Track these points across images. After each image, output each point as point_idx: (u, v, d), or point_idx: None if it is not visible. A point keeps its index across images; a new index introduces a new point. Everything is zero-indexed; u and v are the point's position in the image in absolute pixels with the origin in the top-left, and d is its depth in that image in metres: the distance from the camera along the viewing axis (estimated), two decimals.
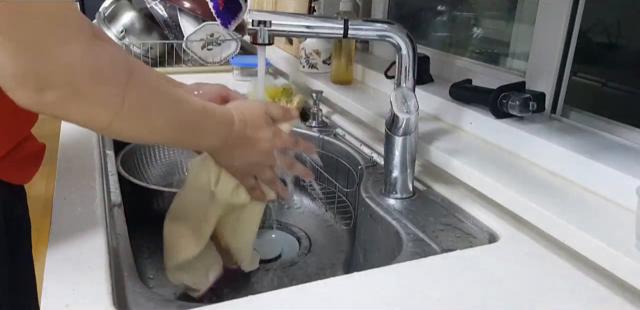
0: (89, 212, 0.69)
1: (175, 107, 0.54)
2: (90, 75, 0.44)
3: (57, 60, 0.42)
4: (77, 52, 0.43)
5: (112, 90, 0.46)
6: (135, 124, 0.50)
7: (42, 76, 0.42)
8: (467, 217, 0.75)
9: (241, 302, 0.53)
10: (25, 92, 0.42)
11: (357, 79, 1.26)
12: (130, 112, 0.48)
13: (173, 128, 0.55)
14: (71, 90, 0.43)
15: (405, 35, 0.74)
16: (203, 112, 0.58)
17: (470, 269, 0.61)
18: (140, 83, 0.49)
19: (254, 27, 0.70)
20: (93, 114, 0.46)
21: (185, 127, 0.57)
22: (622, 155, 0.72)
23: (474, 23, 1.20)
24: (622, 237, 0.58)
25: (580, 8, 0.83)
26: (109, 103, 0.46)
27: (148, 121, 0.52)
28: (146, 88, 0.51)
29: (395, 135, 0.78)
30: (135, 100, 0.48)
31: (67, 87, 0.43)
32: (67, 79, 0.43)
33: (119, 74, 0.47)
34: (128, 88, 0.47)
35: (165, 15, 1.57)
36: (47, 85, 0.42)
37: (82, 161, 0.86)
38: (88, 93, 0.44)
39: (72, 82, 0.43)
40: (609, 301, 0.56)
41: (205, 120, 0.59)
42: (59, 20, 0.42)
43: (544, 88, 0.87)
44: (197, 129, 0.58)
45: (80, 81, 0.43)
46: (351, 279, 0.58)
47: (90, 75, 0.44)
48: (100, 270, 0.57)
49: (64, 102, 0.44)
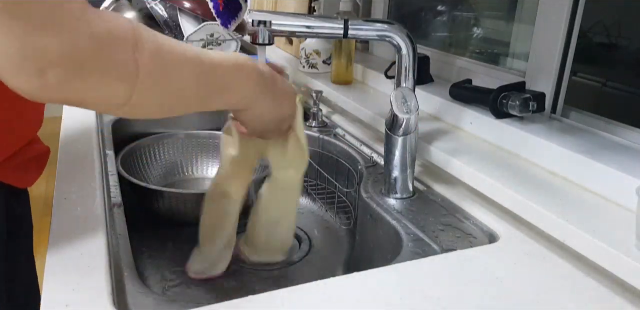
0: (89, 212, 0.69)
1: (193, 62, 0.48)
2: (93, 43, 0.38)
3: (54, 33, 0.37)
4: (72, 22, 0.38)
5: (121, 56, 0.40)
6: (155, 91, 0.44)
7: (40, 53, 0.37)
8: (467, 217, 0.75)
9: (241, 302, 0.53)
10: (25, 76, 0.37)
11: (357, 79, 1.26)
12: (146, 78, 0.42)
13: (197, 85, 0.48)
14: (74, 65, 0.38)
15: (405, 35, 0.74)
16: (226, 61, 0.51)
17: (470, 269, 0.61)
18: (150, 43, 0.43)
19: (254, 27, 0.70)
20: (107, 89, 0.41)
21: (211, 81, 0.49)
22: (622, 155, 0.72)
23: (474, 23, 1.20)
24: (622, 237, 0.58)
25: (580, 8, 0.83)
26: (121, 71, 0.41)
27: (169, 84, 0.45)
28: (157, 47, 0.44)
29: (395, 135, 0.78)
30: (148, 63, 0.42)
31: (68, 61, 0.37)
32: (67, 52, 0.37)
33: (123, 38, 0.41)
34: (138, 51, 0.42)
35: (165, 15, 1.57)
36: (46, 64, 0.37)
37: (82, 161, 0.85)
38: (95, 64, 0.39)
39: (72, 55, 0.37)
40: (609, 301, 0.56)
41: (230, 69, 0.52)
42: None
43: (544, 88, 0.87)
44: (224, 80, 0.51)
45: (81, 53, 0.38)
46: (351, 279, 0.58)
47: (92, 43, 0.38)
48: (100, 270, 0.57)
49: (70, 81, 0.38)
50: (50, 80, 0.37)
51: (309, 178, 1.09)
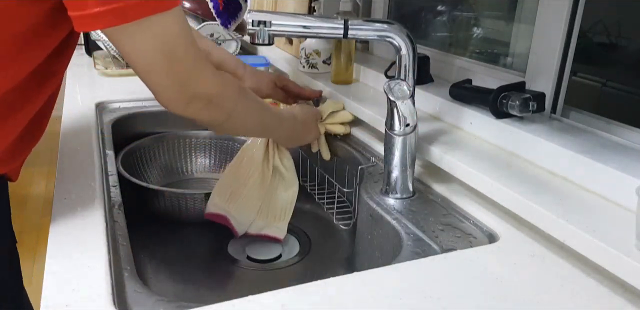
0: (89, 212, 0.69)
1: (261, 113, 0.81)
2: (219, 93, 0.67)
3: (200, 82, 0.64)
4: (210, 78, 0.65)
5: (230, 102, 0.70)
6: (238, 122, 0.75)
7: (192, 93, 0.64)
8: (467, 217, 0.75)
9: (241, 302, 0.53)
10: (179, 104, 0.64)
11: (357, 79, 1.26)
12: (236, 115, 0.72)
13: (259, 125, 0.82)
14: (207, 103, 0.66)
15: (405, 35, 0.74)
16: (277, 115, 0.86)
17: (470, 269, 0.61)
18: (244, 98, 0.74)
19: (254, 27, 0.70)
20: (215, 117, 0.70)
21: (267, 124, 0.84)
22: (622, 155, 0.72)
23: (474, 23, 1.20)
24: (622, 237, 0.58)
25: (580, 8, 0.83)
26: (227, 109, 0.70)
27: (246, 121, 0.76)
28: (247, 100, 0.75)
29: (395, 135, 0.78)
30: (240, 108, 0.72)
31: (205, 101, 0.66)
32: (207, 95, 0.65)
33: (233, 92, 0.71)
34: (239, 100, 0.72)
35: None
36: (193, 100, 0.64)
37: (82, 161, 0.86)
38: (216, 104, 0.67)
39: (209, 96, 0.66)
40: (609, 301, 0.56)
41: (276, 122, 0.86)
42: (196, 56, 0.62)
43: (544, 88, 0.87)
44: (273, 124, 0.86)
45: (213, 96, 0.66)
46: (351, 279, 0.58)
47: (218, 93, 0.67)
48: (100, 270, 0.58)
49: (201, 110, 0.66)
50: (191, 108, 0.65)
51: (309, 178, 1.09)
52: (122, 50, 0.58)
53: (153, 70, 0.60)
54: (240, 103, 0.72)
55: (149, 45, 0.57)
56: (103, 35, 1.50)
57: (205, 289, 0.84)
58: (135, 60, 0.59)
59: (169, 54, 0.59)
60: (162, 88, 0.62)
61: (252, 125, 0.80)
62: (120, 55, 1.52)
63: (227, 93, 0.69)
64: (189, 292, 0.82)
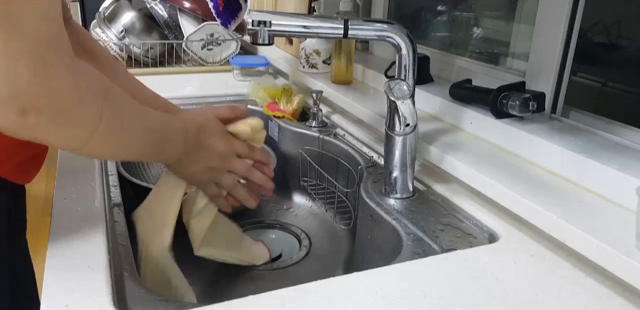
0: (89, 212, 0.69)
1: (143, 119, 0.56)
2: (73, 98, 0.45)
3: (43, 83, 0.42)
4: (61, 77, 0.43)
5: (92, 110, 0.47)
6: (108, 140, 0.51)
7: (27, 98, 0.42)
8: (467, 217, 0.75)
9: (241, 302, 0.53)
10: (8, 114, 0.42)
11: (357, 79, 1.26)
12: (105, 129, 0.49)
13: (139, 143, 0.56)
14: (53, 113, 0.44)
15: (405, 35, 0.74)
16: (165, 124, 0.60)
17: (470, 269, 0.61)
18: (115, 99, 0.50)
19: (254, 27, 0.70)
20: (71, 135, 0.47)
21: (151, 138, 0.58)
22: (622, 155, 0.72)
23: (474, 23, 1.20)
24: (622, 237, 0.58)
25: (580, 8, 0.83)
26: (88, 123, 0.47)
27: (120, 136, 0.52)
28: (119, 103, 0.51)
29: (395, 135, 0.78)
30: (111, 117, 0.49)
31: (50, 109, 0.43)
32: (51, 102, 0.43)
33: (98, 94, 0.47)
34: (105, 105, 0.48)
35: (165, 15, 1.57)
36: (31, 108, 0.42)
37: (82, 161, 0.85)
38: (70, 115, 0.45)
39: (55, 104, 0.43)
40: (609, 301, 0.56)
41: (167, 128, 0.60)
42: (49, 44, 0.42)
43: (544, 88, 0.87)
44: (161, 139, 0.59)
45: (62, 104, 0.44)
46: (351, 279, 0.58)
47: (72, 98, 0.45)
48: (100, 270, 0.57)
49: (46, 124, 0.44)
50: (29, 121, 0.43)
51: (309, 178, 1.09)
52: None
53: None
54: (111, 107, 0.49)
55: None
56: (103, 35, 1.50)
57: (205, 289, 0.84)
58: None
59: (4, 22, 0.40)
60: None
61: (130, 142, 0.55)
62: (119, 55, 1.52)
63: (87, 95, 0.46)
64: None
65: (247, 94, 1.32)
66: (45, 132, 0.45)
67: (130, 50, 1.51)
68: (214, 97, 1.32)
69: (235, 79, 1.48)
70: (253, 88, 1.29)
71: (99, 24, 1.53)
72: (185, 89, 1.40)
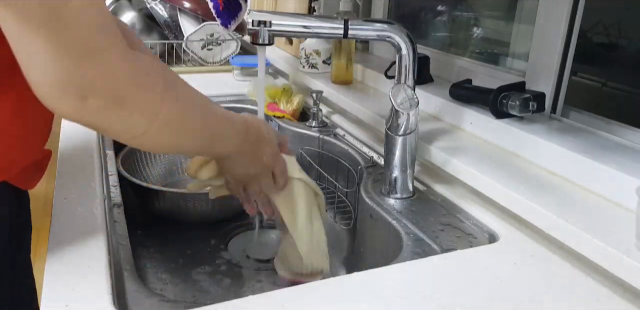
0: (89, 212, 0.69)
1: (204, 114, 0.55)
2: (132, 82, 0.44)
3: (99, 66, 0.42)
4: (117, 60, 0.43)
5: (152, 97, 0.46)
6: (168, 131, 0.50)
7: (85, 83, 0.42)
8: (467, 217, 0.75)
9: (241, 302, 0.53)
10: (68, 100, 0.42)
11: (357, 79, 1.26)
12: (164, 119, 0.48)
13: (198, 135, 0.55)
14: (114, 98, 0.43)
15: (405, 35, 0.74)
16: (226, 120, 0.59)
17: (470, 269, 0.61)
18: (174, 91, 0.49)
19: (254, 27, 0.70)
20: (131, 122, 0.46)
21: (209, 134, 0.57)
22: (622, 155, 0.72)
23: (474, 23, 1.20)
24: (622, 237, 0.58)
25: (580, 8, 0.83)
26: (148, 110, 0.47)
27: (180, 128, 0.51)
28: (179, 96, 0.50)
29: (395, 135, 0.78)
30: (171, 108, 0.48)
31: (110, 94, 0.43)
32: (110, 86, 0.43)
33: (157, 81, 0.47)
34: (164, 96, 0.47)
35: (165, 15, 1.57)
36: (90, 93, 0.42)
37: (82, 161, 0.85)
38: (130, 100, 0.44)
39: (113, 88, 0.43)
40: (609, 301, 0.56)
41: (226, 127, 0.59)
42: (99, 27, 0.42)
43: (544, 88, 0.87)
44: (218, 136, 0.59)
45: (122, 88, 0.44)
46: (351, 279, 0.58)
47: (131, 82, 0.44)
48: (100, 270, 0.57)
49: (106, 109, 0.44)
50: (90, 106, 0.42)
51: None
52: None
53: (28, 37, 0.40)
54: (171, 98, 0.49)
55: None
56: None
57: (206, 289, 0.84)
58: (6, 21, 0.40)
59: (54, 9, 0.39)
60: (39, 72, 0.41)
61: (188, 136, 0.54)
62: None
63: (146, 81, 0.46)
64: (189, 292, 0.82)
65: (247, 94, 1.32)
66: (106, 117, 0.44)
67: None
68: (214, 97, 1.32)
69: (235, 79, 1.48)
70: (253, 88, 1.29)
71: None
72: None
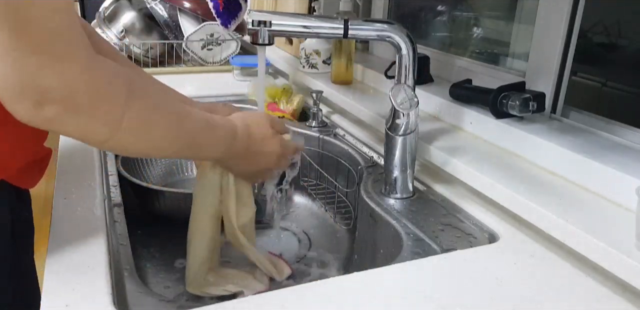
0: (89, 212, 0.69)
1: (176, 123, 0.55)
2: (90, 93, 0.44)
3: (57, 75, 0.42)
4: (77, 69, 0.43)
5: (111, 108, 0.47)
6: (133, 139, 0.51)
7: (42, 90, 0.42)
8: (467, 217, 0.75)
9: (241, 302, 0.53)
10: (24, 105, 0.42)
11: (357, 79, 1.26)
12: (128, 128, 0.48)
13: (172, 142, 0.55)
14: (70, 106, 0.44)
15: (405, 35, 0.74)
16: (205, 127, 0.59)
17: (470, 269, 0.61)
18: (141, 100, 0.50)
19: (254, 27, 0.70)
20: (91, 130, 0.47)
21: (185, 141, 0.57)
22: (622, 155, 0.72)
23: (474, 23, 1.20)
24: (622, 237, 0.58)
25: (580, 8, 0.83)
26: (108, 120, 0.47)
27: (147, 137, 0.52)
28: (146, 105, 0.51)
29: (395, 135, 0.78)
30: (134, 117, 0.49)
31: (66, 102, 0.43)
32: (67, 95, 0.43)
33: (118, 92, 0.47)
34: (127, 105, 0.48)
35: (165, 15, 1.57)
36: (46, 100, 0.42)
37: (82, 161, 0.86)
38: (87, 110, 0.45)
39: (71, 98, 0.43)
40: (609, 301, 0.56)
41: (207, 134, 0.59)
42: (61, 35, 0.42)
43: (544, 88, 0.87)
44: (197, 143, 0.59)
45: (79, 98, 0.44)
46: (351, 279, 0.58)
47: (89, 93, 0.44)
48: (100, 270, 0.57)
49: (62, 117, 0.44)
50: (46, 113, 0.43)
51: (309, 178, 1.09)
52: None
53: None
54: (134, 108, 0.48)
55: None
56: (103, 35, 1.50)
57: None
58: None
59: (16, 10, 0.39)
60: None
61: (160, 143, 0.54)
62: None
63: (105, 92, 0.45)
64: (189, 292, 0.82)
65: (247, 94, 1.32)
66: (64, 124, 0.45)
67: (130, 50, 1.51)
68: (214, 97, 1.32)
69: (235, 79, 1.48)
70: (253, 88, 1.29)
71: (99, 24, 1.53)
72: (185, 89, 1.40)
